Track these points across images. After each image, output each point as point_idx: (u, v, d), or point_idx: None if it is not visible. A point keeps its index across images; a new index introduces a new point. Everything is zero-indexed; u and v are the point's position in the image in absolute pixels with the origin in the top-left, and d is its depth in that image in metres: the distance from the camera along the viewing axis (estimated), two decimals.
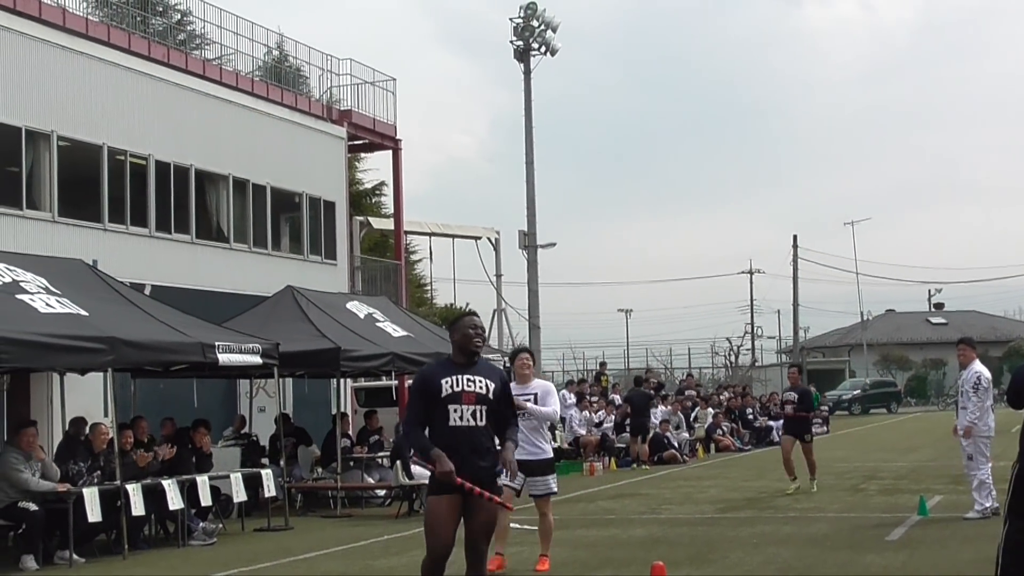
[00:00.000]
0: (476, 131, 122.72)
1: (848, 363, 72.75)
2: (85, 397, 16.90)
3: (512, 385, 10.15)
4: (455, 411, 7.48)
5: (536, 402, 10.82)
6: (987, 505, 13.93)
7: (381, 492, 18.96)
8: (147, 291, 19.40)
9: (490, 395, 7.59)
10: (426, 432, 7.57)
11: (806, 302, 65.35)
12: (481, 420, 7.53)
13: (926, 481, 19.40)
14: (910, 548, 12.06)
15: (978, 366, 14.42)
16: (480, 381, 7.59)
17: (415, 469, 16.73)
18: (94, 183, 21.19)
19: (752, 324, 73.33)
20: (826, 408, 45.02)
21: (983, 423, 14.11)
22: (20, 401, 18.33)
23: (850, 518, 14.85)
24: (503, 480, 9.73)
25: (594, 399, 29.17)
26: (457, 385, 7.52)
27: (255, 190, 25.34)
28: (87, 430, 14.63)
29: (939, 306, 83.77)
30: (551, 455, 11.21)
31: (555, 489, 11.13)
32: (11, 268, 13.80)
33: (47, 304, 13.27)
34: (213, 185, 24.51)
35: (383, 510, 18.17)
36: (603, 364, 41.59)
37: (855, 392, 61.32)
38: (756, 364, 72.38)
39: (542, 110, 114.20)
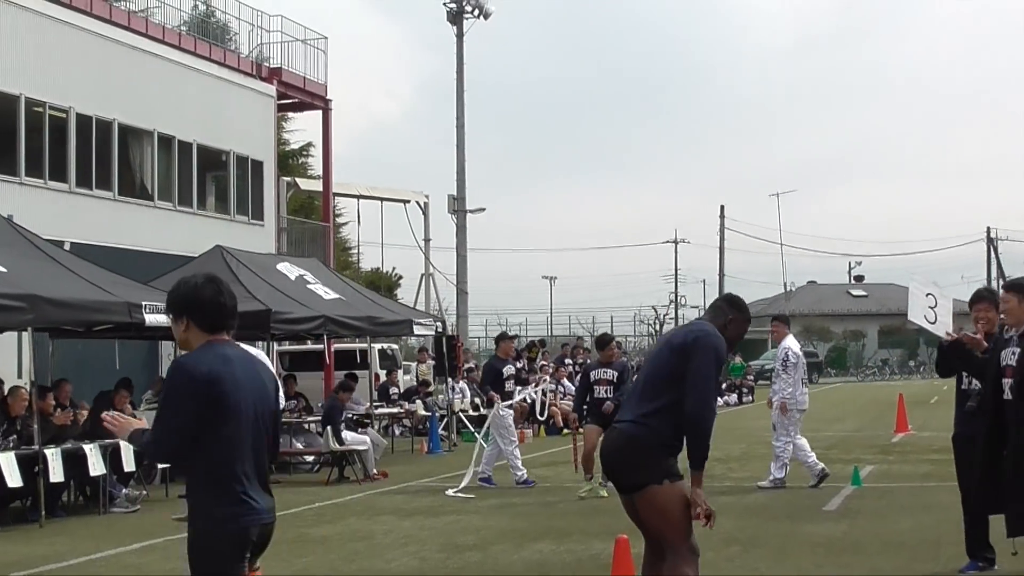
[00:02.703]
0: (401, 94, 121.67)
1: (771, 333, 73.39)
2: None
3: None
4: None
5: None
6: (780, 476, 14.49)
7: (310, 458, 18.58)
8: (66, 248, 18.71)
9: None
10: None
11: (731, 272, 65.65)
12: None
13: (856, 451, 19.49)
14: (849, 518, 12.06)
15: (788, 341, 14.67)
16: None
17: (346, 435, 16.39)
18: (10, 135, 20.44)
19: (676, 293, 73.80)
20: (751, 378, 45.54)
21: (793, 398, 14.54)
22: None
23: (785, 488, 14.79)
24: None
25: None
26: None
27: (181, 147, 24.66)
28: (6, 392, 14.05)
29: (859, 279, 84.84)
30: None
31: None
32: None
33: None
34: (137, 140, 23.79)
35: (312, 476, 17.79)
36: (542, 342, 39.37)
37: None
38: None
39: (471, 75, 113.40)
